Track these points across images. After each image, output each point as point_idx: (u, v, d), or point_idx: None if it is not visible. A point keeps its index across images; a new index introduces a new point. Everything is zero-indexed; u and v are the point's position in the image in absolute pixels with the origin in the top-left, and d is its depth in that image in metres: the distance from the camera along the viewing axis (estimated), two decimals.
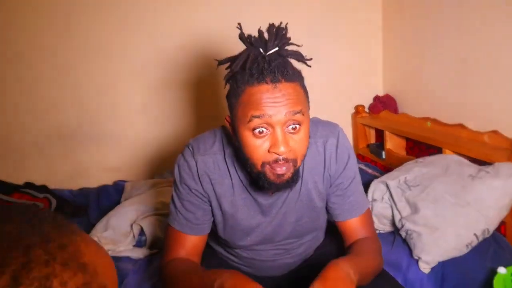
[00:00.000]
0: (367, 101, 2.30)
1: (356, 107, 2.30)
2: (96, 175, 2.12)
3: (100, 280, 0.44)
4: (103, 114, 2.09)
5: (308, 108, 0.99)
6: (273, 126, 0.92)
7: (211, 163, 1.09)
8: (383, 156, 2.09)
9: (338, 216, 1.17)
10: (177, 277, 1.07)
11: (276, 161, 0.93)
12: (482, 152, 1.49)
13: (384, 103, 2.22)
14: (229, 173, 1.09)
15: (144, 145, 2.17)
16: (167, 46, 2.07)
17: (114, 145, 2.12)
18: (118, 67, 2.06)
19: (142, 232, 1.58)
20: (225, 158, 1.09)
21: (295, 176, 0.98)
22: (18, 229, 0.41)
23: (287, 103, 0.91)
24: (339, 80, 2.27)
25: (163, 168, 2.13)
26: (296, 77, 0.95)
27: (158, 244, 1.55)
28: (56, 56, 1.98)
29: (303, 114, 0.93)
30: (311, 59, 0.99)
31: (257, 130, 0.92)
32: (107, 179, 2.13)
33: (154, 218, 1.60)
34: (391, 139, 2.08)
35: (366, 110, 2.30)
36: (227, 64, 0.99)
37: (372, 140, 2.27)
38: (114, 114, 2.10)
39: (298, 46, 0.97)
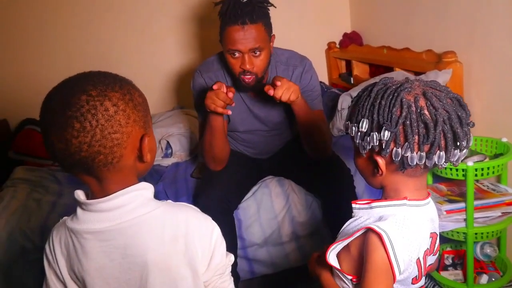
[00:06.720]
0: (337, 38, 2.76)
1: (329, 44, 2.75)
2: None
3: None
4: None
5: (269, 37, 1.53)
6: (242, 53, 1.46)
7: (214, 77, 1.64)
8: (352, 82, 2.57)
9: None
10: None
11: (244, 73, 1.51)
12: (420, 66, 1.98)
13: (351, 38, 2.67)
14: (226, 82, 1.62)
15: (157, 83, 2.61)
16: None
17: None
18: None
19: (168, 146, 2.07)
20: (223, 73, 1.63)
21: (258, 83, 1.55)
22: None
23: (251, 41, 1.46)
24: (312, 20, 2.70)
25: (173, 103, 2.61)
26: (260, 18, 1.48)
27: (182, 154, 2.05)
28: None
29: (261, 46, 1.48)
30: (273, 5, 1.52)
31: (232, 54, 1.48)
32: None
33: (176, 136, 2.09)
34: (357, 67, 2.56)
35: (337, 46, 2.75)
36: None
37: (343, 70, 2.75)
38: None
39: None
